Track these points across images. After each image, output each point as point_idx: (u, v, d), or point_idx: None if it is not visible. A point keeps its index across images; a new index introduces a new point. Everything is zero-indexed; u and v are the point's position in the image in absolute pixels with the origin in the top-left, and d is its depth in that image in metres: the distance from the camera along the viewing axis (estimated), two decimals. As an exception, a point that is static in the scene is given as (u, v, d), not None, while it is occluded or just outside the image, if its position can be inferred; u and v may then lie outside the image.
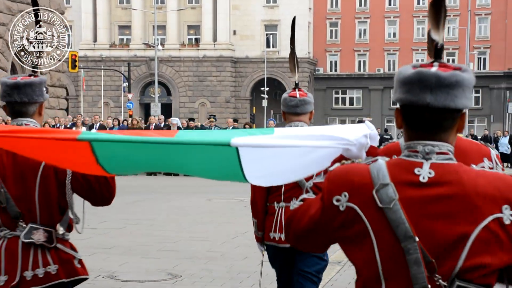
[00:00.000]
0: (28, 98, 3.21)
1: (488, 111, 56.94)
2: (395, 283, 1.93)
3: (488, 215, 1.89)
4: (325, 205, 2.04)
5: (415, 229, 1.91)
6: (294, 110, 4.42)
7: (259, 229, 4.59)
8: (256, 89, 57.15)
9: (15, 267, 3.19)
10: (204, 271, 7.78)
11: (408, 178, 1.94)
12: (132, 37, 57.82)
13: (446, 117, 1.95)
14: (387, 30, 58.86)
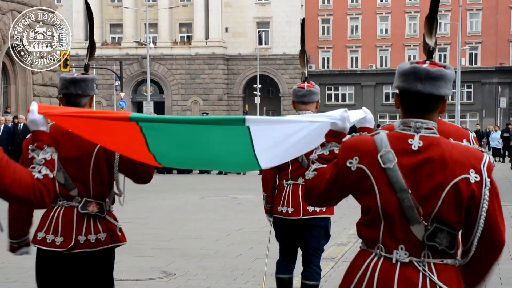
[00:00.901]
0: (82, 91, 3.77)
1: (480, 106, 57.09)
2: (390, 223, 2.59)
3: (459, 175, 2.55)
4: (340, 167, 2.68)
5: (407, 184, 2.57)
6: (301, 99, 5.16)
7: (268, 203, 5.27)
8: (249, 86, 57.15)
9: (71, 231, 3.71)
10: (198, 268, 7.78)
11: (403, 147, 2.60)
12: (124, 35, 57.72)
13: (432, 101, 2.60)
14: (379, 26, 58.93)
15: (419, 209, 2.56)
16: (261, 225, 11.15)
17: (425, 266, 2.58)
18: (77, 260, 3.73)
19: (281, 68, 57.46)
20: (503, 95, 55.69)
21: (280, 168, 5.12)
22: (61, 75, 3.91)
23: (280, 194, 5.18)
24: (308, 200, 2.90)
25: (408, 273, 2.57)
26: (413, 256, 2.58)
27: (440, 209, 2.56)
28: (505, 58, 57.11)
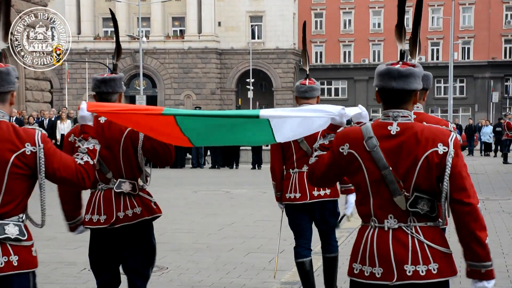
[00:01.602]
0: (112, 89, 4.40)
1: (473, 101, 57.22)
2: (378, 198, 3.15)
3: (429, 149, 3.09)
4: (334, 153, 3.29)
5: (388, 162, 3.11)
6: (303, 94, 5.63)
7: (278, 190, 5.77)
8: (242, 80, 57.10)
9: (111, 209, 4.38)
10: (190, 262, 7.78)
11: (384, 132, 3.16)
12: (116, 29, 57.51)
13: (405, 95, 3.17)
14: (372, 20, 58.93)
15: (400, 183, 3.11)
16: (254, 220, 11.16)
17: (412, 229, 3.13)
18: (120, 233, 4.41)
19: (274, 62, 57.41)
20: (496, 90, 55.83)
21: (286, 157, 5.66)
22: (93, 75, 4.58)
23: (287, 181, 5.65)
24: (311, 181, 3.51)
25: (399, 236, 3.13)
26: (401, 222, 3.13)
27: (417, 180, 3.11)
28: (498, 52, 57.23)
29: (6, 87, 3.31)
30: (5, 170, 3.23)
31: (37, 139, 3.29)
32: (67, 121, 24.50)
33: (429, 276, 3.12)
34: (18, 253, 3.28)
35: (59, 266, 7.60)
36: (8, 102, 3.36)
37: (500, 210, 12.25)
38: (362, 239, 3.23)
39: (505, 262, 7.75)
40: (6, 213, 3.27)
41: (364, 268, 3.17)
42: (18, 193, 3.32)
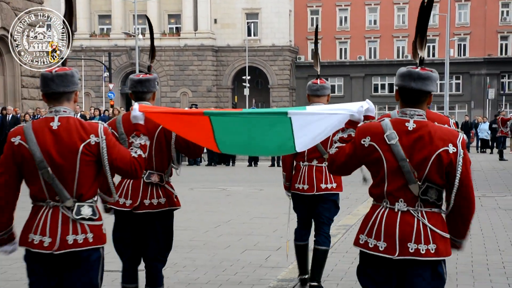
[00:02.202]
0: (147, 89, 4.93)
1: (469, 97, 57.26)
2: (392, 184, 3.60)
3: (441, 147, 3.57)
4: (356, 144, 3.71)
5: (406, 154, 3.57)
6: (315, 93, 6.17)
7: (287, 180, 6.25)
8: (238, 78, 57.07)
9: (137, 196, 4.87)
10: (187, 260, 7.78)
11: (402, 128, 3.61)
12: (112, 26, 57.47)
13: (421, 95, 3.64)
14: (368, 17, 58.92)
15: (415, 173, 3.57)
16: (250, 217, 11.17)
17: (419, 213, 3.60)
18: (142, 218, 4.87)
19: (270, 59, 57.38)
20: (492, 86, 55.87)
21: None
22: (130, 76, 5.07)
23: (297, 173, 6.16)
24: (331, 169, 3.93)
25: (406, 218, 3.59)
26: (410, 206, 3.60)
27: (429, 173, 3.57)
28: (494, 49, 57.26)
29: (71, 87, 3.86)
30: (77, 157, 3.76)
31: (100, 131, 3.81)
32: (63, 119, 24.49)
33: (428, 255, 3.58)
34: (93, 231, 3.79)
35: (55, 264, 7.59)
36: (72, 100, 3.90)
37: (496, 206, 12.27)
38: (373, 215, 3.67)
39: (501, 259, 7.76)
40: (82, 195, 3.79)
41: (369, 240, 3.64)
42: (89, 177, 3.82)
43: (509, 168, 22.23)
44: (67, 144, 3.75)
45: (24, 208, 4.16)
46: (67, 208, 3.76)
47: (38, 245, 3.73)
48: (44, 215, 3.77)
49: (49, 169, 3.74)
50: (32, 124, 3.80)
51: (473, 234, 9.37)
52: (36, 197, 3.81)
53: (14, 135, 3.79)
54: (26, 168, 3.78)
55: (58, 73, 3.83)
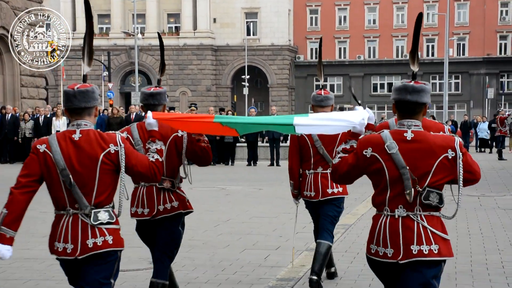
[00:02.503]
0: (158, 101, 5.32)
1: (468, 97, 57.27)
2: (394, 190, 3.85)
3: (441, 155, 3.84)
4: (358, 155, 3.95)
5: (406, 163, 3.82)
6: (319, 103, 6.44)
7: (295, 188, 6.46)
8: (237, 77, 57.07)
9: (153, 203, 5.33)
10: (186, 259, 7.78)
11: (401, 138, 3.87)
12: (111, 26, 57.45)
13: (417, 107, 3.92)
14: (367, 16, 58.92)
15: (415, 180, 3.82)
16: (249, 216, 11.17)
17: (418, 217, 3.85)
18: (159, 222, 5.38)
19: (269, 59, 57.38)
20: (491, 86, 55.88)
21: (304, 160, 6.37)
22: (141, 89, 5.49)
23: (304, 181, 6.40)
24: (334, 178, 4.18)
25: (407, 223, 3.85)
26: (409, 211, 3.85)
27: (431, 179, 3.84)
28: (493, 48, 57.28)
29: (91, 103, 4.12)
30: (97, 166, 4.01)
31: (118, 140, 4.08)
32: (62, 118, 24.42)
33: (431, 255, 3.81)
34: (112, 234, 4.07)
35: (54, 263, 7.54)
36: (93, 115, 4.15)
37: (495, 206, 12.27)
38: (377, 225, 3.94)
39: (500, 258, 7.76)
40: (100, 202, 4.05)
41: (379, 249, 3.90)
42: (108, 185, 4.08)
43: (508, 167, 22.23)
44: (88, 154, 4.02)
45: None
46: (85, 215, 4.03)
47: (62, 253, 4.08)
48: (66, 223, 4.06)
49: (71, 177, 4.00)
50: (56, 135, 4.10)
51: (472, 233, 9.38)
52: (58, 205, 4.11)
53: (40, 143, 4.08)
54: (49, 175, 4.05)
55: (80, 90, 4.12)
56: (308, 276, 6.28)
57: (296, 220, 6.70)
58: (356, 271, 7.15)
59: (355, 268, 7.27)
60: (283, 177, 18.42)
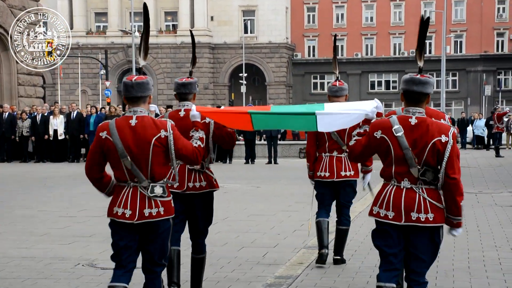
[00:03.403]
0: (189, 90, 5.87)
1: (465, 94, 57.31)
2: (398, 167, 4.53)
3: (436, 137, 4.47)
4: (370, 137, 4.65)
5: (409, 145, 4.48)
6: (334, 94, 7.05)
7: (310, 169, 7.18)
8: (235, 75, 57.04)
9: (184, 180, 5.79)
10: (183, 257, 7.74)
11: (406, 124, 4.52)
12: (109, 24, 57.40)
13: (421, 96, 4.57)
14: (364, 14, 58.91)
15: (415, 159, 4.49)
16: (247, 214, 11.18)
17: (420, 189, 4.53)
18: (188, 198, 5.84)
19: (266, 56, 57.37)
20: (488, 83, 55.89)
21: (320, 144, 7.11)
22: (175, 80, 5.99)
23: (319, 163, 7.09)
24: (350, 157, 4.98)
25: (410, 193, 4.53)
26: (412, 184, 4.54)
27: (426, 158, 4.49)
28: (490, 46, 57.31)
29: (146, 92, 4.78)
30: (150, 148, 4.67)
31: (168, 127, 4.74)
32: (59, 117, 24.39)
33: (427, 221, 4.49)
34: (163, 205, 4.75)
35: (52, 262, 7.60)
36: (147, 102, 4.82)
37: (492, 203, 12.29)
38: (383, 191, 4.61)
39: (498, 255, 7.78)
40: (155, 178, 4.72)
41: (380, 211, 4.58)
42: (159, 163, 4.73)
43: (506, 164, 22.26)
44: (143, 138, 4.68)
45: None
46: (144, 187, 4.72)
47: (121, 216, 4.70)
48: (126, 193, 4.73)
49: (128, 157, 4.67)
50: (116, 122, 4.74)
51: (470, 230, 9.40)
52: (119, 179, 4.78)
53: (101, 130, 4.74)
54: (111, 156, 4.73)
55: (137, 81, 4.77)
56: (333, 256, 7.23)
57: (313, 197, 7.33)
58: (354, 268, 7.17)
59: (352, 266, 7.28)
60: (281, 175, 18.47)
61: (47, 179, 17.71)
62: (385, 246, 4.56)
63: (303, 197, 13.36)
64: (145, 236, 4.76)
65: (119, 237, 4.76)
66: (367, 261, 7.46)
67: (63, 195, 14.04)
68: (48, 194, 14.20)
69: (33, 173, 19.69)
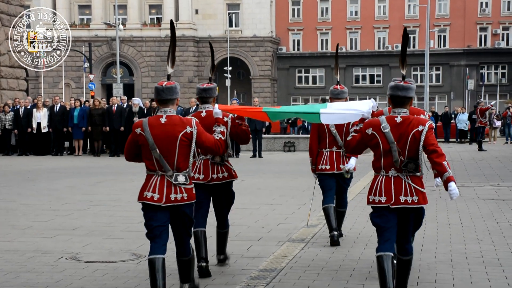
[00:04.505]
0: (209, 94, 6.71)
1: (448, 88, 57.58)
2: (386, 160, 5.38)
3: (415, 128, 5.33)
4: (363, 133, 5.50)
5: (395, 139, 5.31)
6: (336, 96, 7.99)
7: (313, 163, 8.14)
8: (219, 69, 56.93)
9: (208, 172, 6.75)
10: (169, 250, 7.74)
11: (393, 122, 5.36)
12: (92, 16, 57.08)
13: (405, 100, 5.44)
14: (349, 8, 58.96)
15: (399, 152, 5.34)
16: (231, 207, 11.15)
17: (405, 177, 5.40)
18: (213, 187, 6.78)
19: (251, 50, 57.30)
20: (471, 77, 56.19)
21: (321, 140, 8.04)
22: (197, 85, 6.82)
23: (320, 157, 8.07)
24: (347, 150, 5.93)
25: (397, 180, 5.40)
26: (399, 173, 5.41)
27: (409, 149, 5.35)
28: (473, 40, 57.60)
29: (174, 95, 5.59)
30: (177, 142, 5.49)
31: (193, 124, 5.55)
32: (43, 110, 24.25)
33: (413, 203, 5.39)
34: (187, 192, 5.57)
35: (35, 255, 7.57)
36: (175, 104, 5.63)
37: (475, 196, 12.38)
38: (375, 182, 5.48)
39: (479, 248, 7.84)
40: (180, 168, 5.54)
41: (375, 198, 5.45)
42: (184, 155, 5.55)
43: (488, 158, 22.41)
44: (171, 133, 5.49)
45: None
46: (169, 176, 5.51)
47: (150, 199, 5.50)
48: (155, 180, 5.52)
49: (158, 150, 5.47)
50: (148, 120, 5.55)
51: (452, 223, 9.46)
52: (149, 168, 5.57)
53: (136, 127, 5.55)
54: (144, 149, 5.55)
55: (167, 86, 5.60)
56: (333, 232, 8.04)
57: (314, 188, 8.51)
58: (337, 261, 7.20)
59: (336, 258, 7.32)
60: (265, 169, 18.47)
61: (30, 172, 17.62)
62: (381, 223, 5.43)
63: (288, 191, 13.39)
64: (172, 215, 5.59)
65: (151, 218, 5.53)
66: (351, 255, 7.50)
67: (46, 188, 13.98)
68: (31, 188, 14.13)
69: (16, 166, 19.58)
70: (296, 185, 14.34)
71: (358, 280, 6.38)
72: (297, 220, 9.74)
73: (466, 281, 6.39)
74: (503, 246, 7.98)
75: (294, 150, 26.81)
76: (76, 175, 16.39)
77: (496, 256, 7.44)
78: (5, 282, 6.44)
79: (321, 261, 7.17)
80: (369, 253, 7.41)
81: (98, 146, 24.46)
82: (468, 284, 6.30)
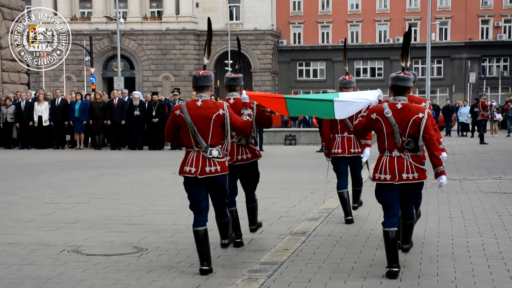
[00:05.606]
0: (236, 83, 7.47)
1: (450, 81, 57.51)
2: (389, 141, 6.27)
3: (415, 115, 6.21)
4: (368, 117, 6.36)
5: (396, 123, 6.20)
6: (345, 86, 8.74)
7: (326, 148, 8.88)
8: (220, 62, 56.89)
9: (234, 154, 7.41)
10: (169, 244, 7.78)
11: (394, 108, 6.24)
12: (93, 10, 57.01)
13: (405, 89, 6.32)
14: (350, 1, 58.86)
15: (400, 133, 6.14)
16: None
17: (406, 156, 6.22)
18: (239, 168, 7.50)
19: (252, 43, 57.23)
20: (473, 70, 56.13)
21: (333, 126, 8.75)
22: (226, 74, 7.58)
23: (333, 142, 8.81)
24: (354, 133, 7.01)
25: (400, 160, 6.22)
26: (401, 153, 6.23)
27: (409, 131, 6.15)
28: (475, 33, 57.50)
29: (209, 83, 6.47)
30: (211, 122, 6.37)
31: (225, 107, 6.43)
32: (44, 103, 24.25)
33: (414, 179, 6.24)
34: (220, 165, 6.44)
35: (37, 248, 7.58)
36: (210, 90, 6.51)
37: (477, 189, 12.37)
38: (380, 161, 6.29)
39: (481, 241, 7.84)
40: (213, 144, 6.40)
41: (381, 176, 6.26)
42: (217, 134, 6.43)
43: (490, 151, 22.39)
44: (206, 114, 6.36)
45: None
46: (204, 151, 6.37)
47: (188, 172, 6.40)
48: (192, 155, 6.41)
49: (195, 128, 6.35)
50: (186, 103, 6.47)
51: (454, 216, 9.46)
52: (187, 145, 6.45)
53: (176, 109, 6.44)
54: (182, 128, 6.42)
55: (203, 75, 6.46)
56: (344, 218, 8.90)
57: (327, 171, 9.50)
58: (339, 254, 7.20)
59: (338, 251, 7.32)
60: (266, 162, 18.46)
61: (32, 165, 17.63)
62: (386, 199, 6.25)
63: (289, 184, 13.38)
64: (209, 186, 6.44)
65: (191, 191, 6.47)
66: (352, 248, 7.50)
67: (47, 181, 13.99)
68: (33, 181, 14.14)
69: (18, 160, 19.59)
70: (298, 179, 14.33)
71: (359, 274, 6.39)
72: (298, 213, 9.74)
73: (468, 274, 6.39)
74: (505, 239, 7.98)
75: (295, 144, 26.80)
76: (77, 168, 16.38)
77: (498, 249, 7.43)
78: (8, 274, 6.45)
79: (322, 255, 7.17)
80: (371, 248, 7.42)
81: (100, 140, 24.46)
82: (470, 277, 6.30)
